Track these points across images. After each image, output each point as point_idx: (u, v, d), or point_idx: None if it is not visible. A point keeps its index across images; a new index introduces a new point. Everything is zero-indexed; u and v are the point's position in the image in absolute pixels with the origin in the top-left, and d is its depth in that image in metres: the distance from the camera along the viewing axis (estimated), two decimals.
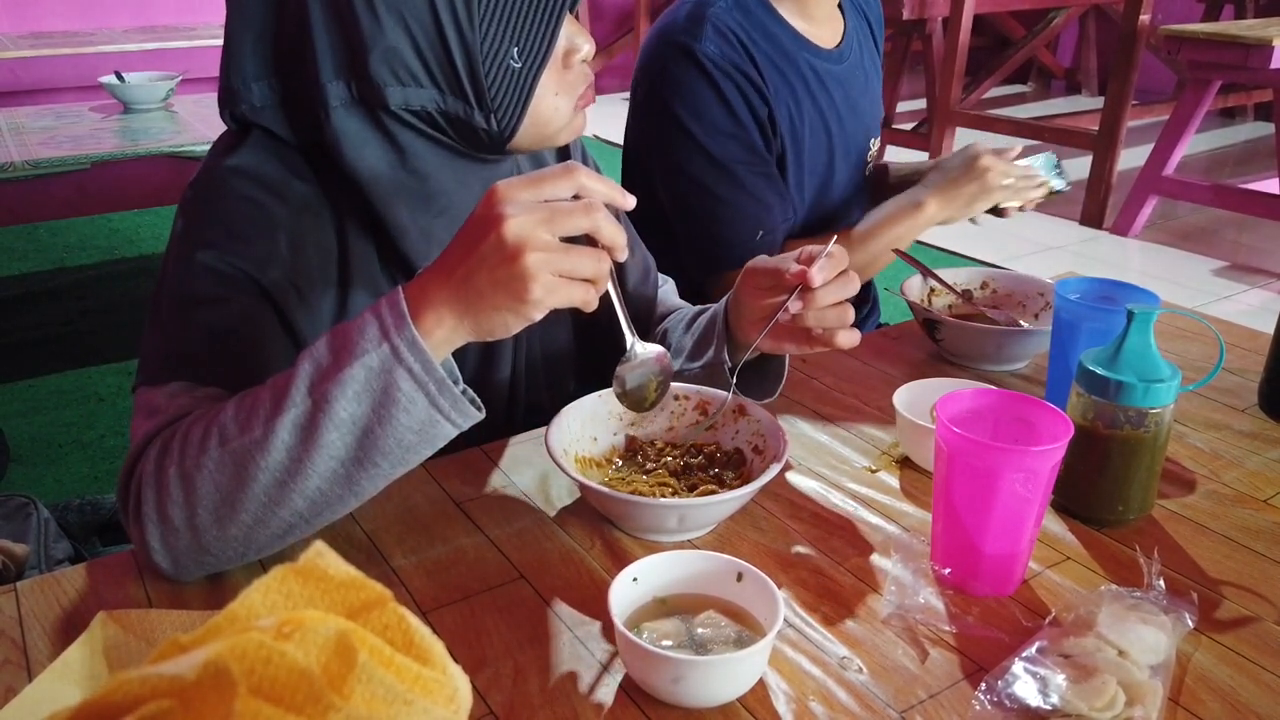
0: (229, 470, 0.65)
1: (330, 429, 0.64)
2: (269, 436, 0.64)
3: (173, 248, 0.80)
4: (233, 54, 0.79)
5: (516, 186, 0.65)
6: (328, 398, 0.64)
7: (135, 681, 0.34)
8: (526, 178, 0.65)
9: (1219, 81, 3.34)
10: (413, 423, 0.65)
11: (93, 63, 3.68)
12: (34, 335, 2.77)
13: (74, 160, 2.29)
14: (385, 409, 0.64)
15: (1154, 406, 0.77)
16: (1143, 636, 0.63)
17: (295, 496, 0.66)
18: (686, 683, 0.60)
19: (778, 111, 1.25)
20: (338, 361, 0.64)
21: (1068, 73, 6.33)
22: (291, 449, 0.64)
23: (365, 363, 0.63)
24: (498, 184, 0.65)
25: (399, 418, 0.64)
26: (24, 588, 0.72)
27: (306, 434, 0.64)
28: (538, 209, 0.64)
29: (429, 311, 0.65)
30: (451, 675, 0.41)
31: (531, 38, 0.77)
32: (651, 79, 1.26)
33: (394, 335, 0.64)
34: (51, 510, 1.26)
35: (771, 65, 1.25)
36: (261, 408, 0.65)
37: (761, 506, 0.83)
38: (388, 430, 0.64)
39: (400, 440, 0.65)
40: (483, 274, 0.64)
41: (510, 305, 0.64)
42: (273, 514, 0.66)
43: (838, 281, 0.82)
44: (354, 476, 0.66)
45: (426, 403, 0.64)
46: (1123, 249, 3.60)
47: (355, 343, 0.64)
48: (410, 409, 0.64)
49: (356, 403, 0.64)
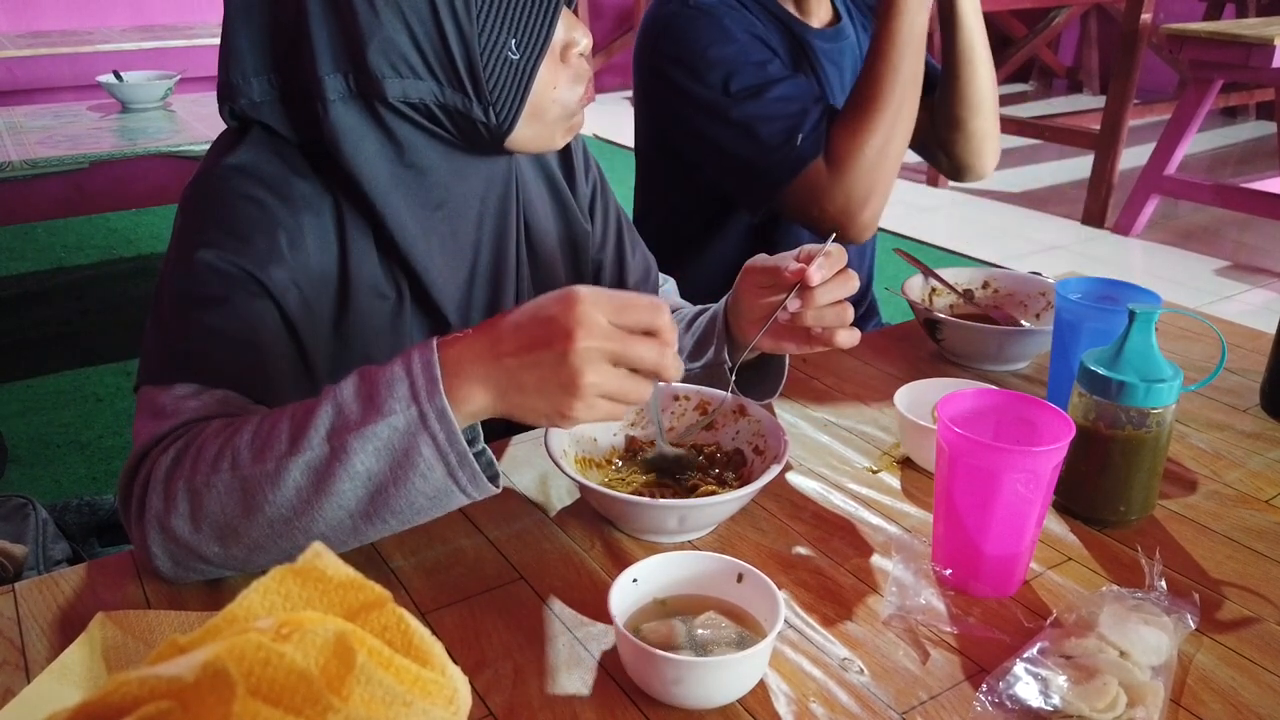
0: (237, 496, 0.65)
1: (344, 479, 0.63)
2: (281, 474, 0.64)
3: (173, 247, 0.79)
4: (231, 49, 0.79)
5: (600, 304, 0.63)
6: (347, 449, 0.63)
7: (134, 682, 0.34)
8: (612, 299, 0.64)
9: (1221, 80, 3.34)
10: (428, 489, 0.64)
11: (91, 62, 3.68)
12: (32, 335, 2.77)
13: (72, 160, 2.29)
14: (403, 470, 0.63)
15: (1155, 406, 0.76)
16: (1144, 637, 0.63)
17: (299, 535, 0.66)
18: (686, 684, 0.59)
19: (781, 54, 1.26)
20: (364, 415, 0.63)
21: (1069, 71, 6.33)
22: (302, 490, 0.64)
23: (391, 423, 0.63)
24: (582, 292, 0.63)
25: (415, 482, 0.64)
26: (22, 588, 0.72)
27: (320, 479, 0.63)
28: (612, 337, 0.62)
29: (463, 385, 0.64)
30: (451, 676, 0.41)
31: (529, 29, 0.77)
32: (654, 39, 1.26)
33: (424, 401, 0.63)
34: (50, 511, 1.26)
35: (767, 29, 1.26)
36: (278, 441, 0.65)
37: (762, 507, 0.83)
38: (402, 491, 0.64)
39: (412, 503, 0.65)
40: (532, 375, 0.63)
41: (548, 412, 0.64)
42: (275, 544, 0.66)
43: (836, 280, 0.82)
44: (360, 528, 0.66)
45: (444, 472, 0.64)
46: (1124, 248, 3.60)
47: (384, 399, 0.63)
48: (428, 475, 0.64)
49: (375, 459, 0.63)
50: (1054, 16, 5.27)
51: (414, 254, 0.83)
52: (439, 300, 0.85)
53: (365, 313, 0.83)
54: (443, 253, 0.85)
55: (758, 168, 1.19)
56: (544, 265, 0.98)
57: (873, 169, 1.16)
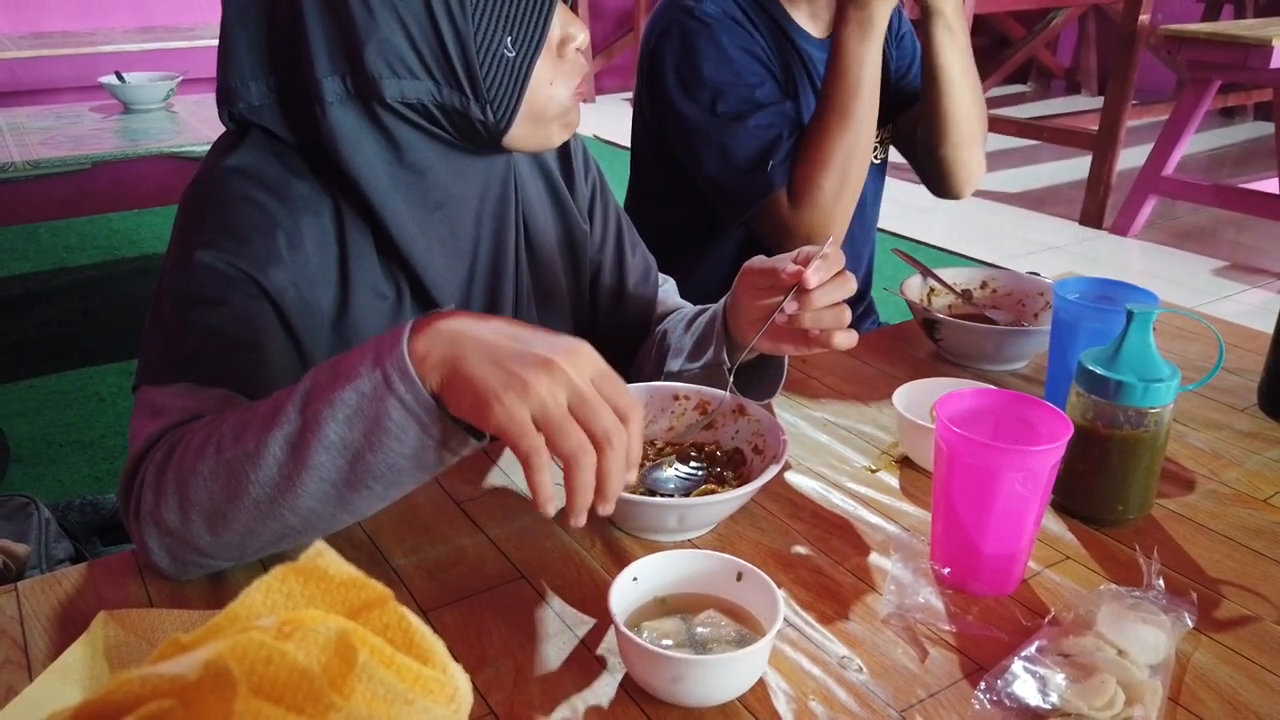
0: (222, 479, 0.65)
1: (320, 450, 0.62)
2: (261, 450, 0.64)
3: (173, 248, 0.80)
4: (230, 52, 0.80)
5: (597, 361, 0.62)
6: (319, 418, 0.62)
7: (136, 681, 0.34)
8: (608, 369, 0.63)
9: (1218, 81, 3.34)
10: (405, 450, 0.63)
11: (93, 63, 3.68)
12: (34, 335, 2.77)
13: (74, 160, 2.29)
14: (376, 435, 0.62)
15: (1153, 406, 0.77)
16: (1142, 636, 0.64)
17: (286, 512, 0.65)
18: (686, 682, 0.60)
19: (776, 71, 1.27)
20: (332, 383, 0.63)
21: (1067, 72, 6.33)
22: (282, 465, 0.63)
23: (357, 387, 0.62)
24: (585, 348, 0.63)
25: (391, 445, 0.63)
26: (25, 587, 0.72)
27: (296, 452, 0.63)
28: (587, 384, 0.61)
29: (426, 339, 0.62)
30: (452, 675, 0.41)
31: (524, 25, 0.77)
32: (654, 42, 1.28)
33: (387, 362, 0.62)
34: (52, 510, 1.26)
35: (770, 39, 1.28)
36: (257, 421, 0.65)
37: (761, 506, 0.83)
38: (379, 456, 0.63)
39: (393, 465, 0.64)
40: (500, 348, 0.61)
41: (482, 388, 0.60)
42: (265, 525, 0.66)
43: (834, 282, 0.82)
44: (346, 497, 0.65)
45: (418, 431, 0.62)
46: (1122, 249, 3.60)
47: (354, 366, 0.63)
48: (402, 437, 0.62)
49: (347, 427, 0.62)
50: (1052, 17, 5.27)
51: (413, 254, 0.83)
52: (438, 300, 0.86)
53: (364, 313, 0.83)
54: (442, 252, 0.86)
55: (728, 189, 1.24)
56: (542, 265, 0.98)
57: (830, 205, 1.20)
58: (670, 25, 1.25)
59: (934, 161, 1.37)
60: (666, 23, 1.26)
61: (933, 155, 1.37)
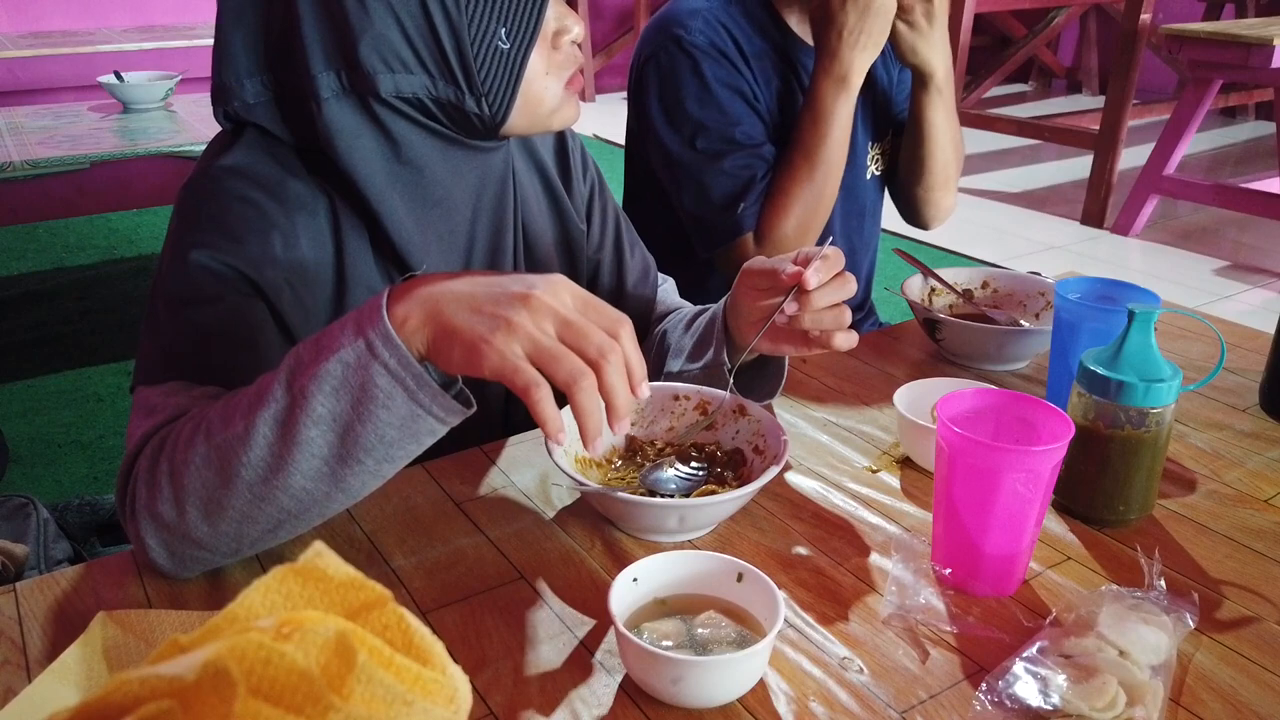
0: (214, 465, 0.64)
1: (308, 425, 0.62)
2: (250, 432, 0.63)
3: (168, 247, 0.80)
4: (225, 50, 0.79)
5: (574, 289, 0.63)
6: (305, 393, 0.62)
7: (135, 682, 0.34)
8: (587, 294, 0.64)
9: (1220, 81, 3.34)
10: (394, 419, 0.63)
11: (91, 62, 3.68)
12: (33, 335, 2.77)
13: (73, 160, 2.29)
14: (364, 405, 0.62)
15: (1155, 406, 0.77)
16: (1143, 636, 0.63)
17: (280, 494, 0.65)
18: (686, 683, 0.60)
19: (760, 105, 1.28)
20: (316, 356, 0.63)
21: (1068, 72, 6.33)
22: (272, 444, 0.63)
23: (341, 358, 0.62)
24: (559, 278, 0.63)
25: (379, 414, 0.62)
26: (23, 588, 0.72)
27: (285, 429, 0.63)
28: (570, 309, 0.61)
29: (405, 303, 0.62)
30: (451, 676, 0.41)
31: (518, 17, 0.77)
32: (641, 66, 1.30)
33: (368, 329, 0.62)
34: (51, 510, 1.26)
35: (762, 59, 1.28)
36: (245, 402, 0.65)
37: (762, 506, 0.83)
38: (369, 427, 0.62)
39: (383, 437, 0.63)
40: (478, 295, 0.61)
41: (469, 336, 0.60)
42: (259, 510, 0.65)
43: (834, 283, 0.82)
44: (339, 474, 0.64)
45: (405, 397, 0.62)
46: (1123, 248, 3.60)
47: (335, 338, 0.63)
48: (390, 405, 0.62)
49: (334, 399, 0.62)
50: (1053, 17, 5.27)
51: (409, 251, 0.83)
52: None
53: None
54: (438, 249, 0.86)
55: (701, 224, 1.26)
56: (539, 264, 0.98)
57: (791, 247, 1.20)
58: (657, 52, 1.26)
59: (908, 197, 1.43)
60: (654, 49, 1.27)
61: (907, 192, 1.42)
